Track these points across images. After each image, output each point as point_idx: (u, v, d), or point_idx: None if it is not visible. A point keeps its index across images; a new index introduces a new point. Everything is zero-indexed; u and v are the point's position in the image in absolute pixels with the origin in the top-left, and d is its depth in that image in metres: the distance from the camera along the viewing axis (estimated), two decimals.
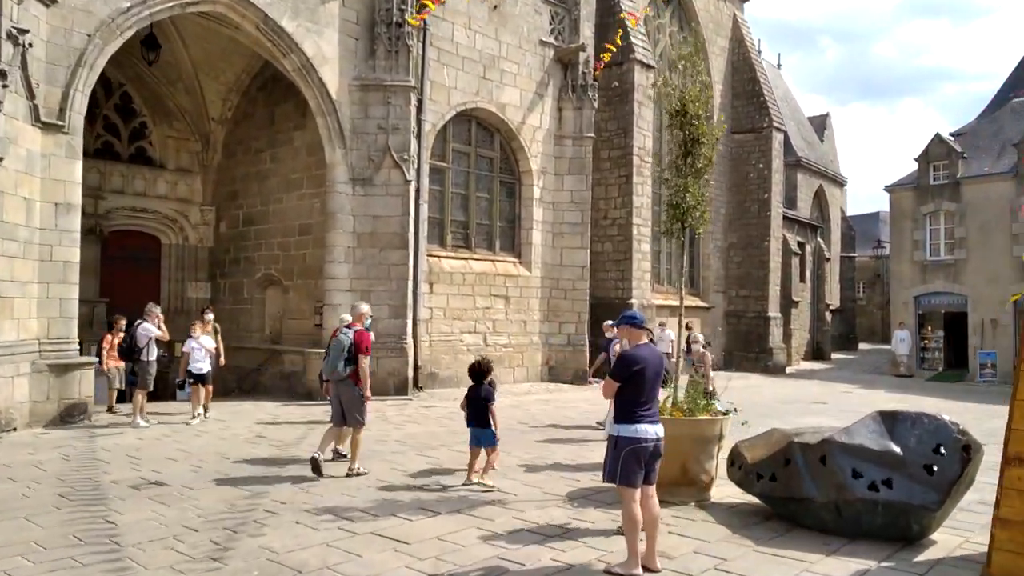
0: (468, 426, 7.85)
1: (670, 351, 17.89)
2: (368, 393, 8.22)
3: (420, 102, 15.49)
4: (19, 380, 10.60)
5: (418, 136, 15.44)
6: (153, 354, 11.23)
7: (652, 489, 5.33)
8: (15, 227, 10.47)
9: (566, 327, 18.50)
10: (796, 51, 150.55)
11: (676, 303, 22.50)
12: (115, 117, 17.71)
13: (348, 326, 8.41)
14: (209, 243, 19.04)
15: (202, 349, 11.48)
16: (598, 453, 9.49)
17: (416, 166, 15.30)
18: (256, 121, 17.75)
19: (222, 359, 12.78)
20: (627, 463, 5.18)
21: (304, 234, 16.39)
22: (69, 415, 11.21)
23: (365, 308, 8.80)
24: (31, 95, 10.64)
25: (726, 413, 7.16)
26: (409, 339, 14.97)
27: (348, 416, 8.10)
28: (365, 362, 8.09)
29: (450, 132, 16.94)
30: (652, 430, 5.22)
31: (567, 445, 10.08)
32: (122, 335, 12.18)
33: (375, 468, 8.33)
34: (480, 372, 7.84)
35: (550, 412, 13.50)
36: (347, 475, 7.85)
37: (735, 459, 6.78)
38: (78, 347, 11.61)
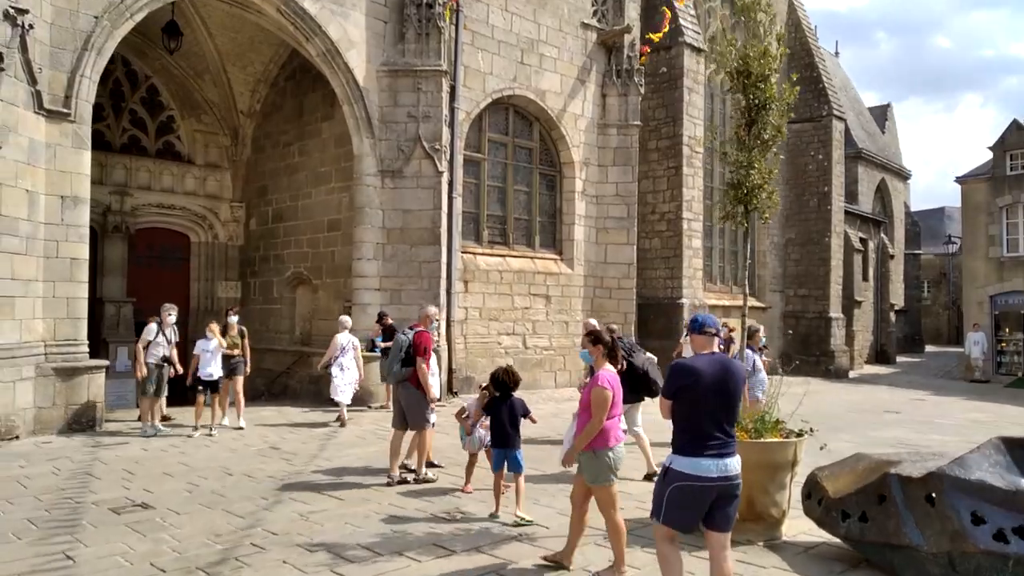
0: (491, 446, 6.79)
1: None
2: (433, 396, 7.79)
3: (453, 88, 14.50)
4: (22, 385, 9.90)
5: (451, 125, 14.45)
6: (154, 357, 10.36)
7: (725, 539, 4.17)
8: (15, 221, 9.77)
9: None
10: (849, 45, 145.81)
11: (730, 303, 21.23)
12: (142, 111, 17.14)
13: (411, 327, 8.15)
14: (239, 241, 18.38)
15: (213, 352, 10.58)
16: (646, 471, 8.36)
17: (449, 157, 14.32)
18: (285, 113, 17.01)
19: (247, 366, 11.72)
20: (673, 501, 4.14)
21: (333, 230, 15.56)
22: (77, 422, 10.50)
23: (433, 310, 8.52)
24: (32, 80, 9.94)
25: (799, 433, 5.96)
26: (442, 341, 13.98)
27: (410, 419, 7.76)
28: (423, 365, 7.68)
29: (486, 121, 15.91)
30: (715, 465, 4.06)
31: None
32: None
33: (389, 490, 7.34)
34: (506, 384, 6.75)
35: None
36: (415, 480, 7.61)
37: (813, 491, 5.59)
38: (87, 349, 10.89)
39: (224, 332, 11.14)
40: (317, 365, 15.12)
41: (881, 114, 39.12)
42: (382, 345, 13.07)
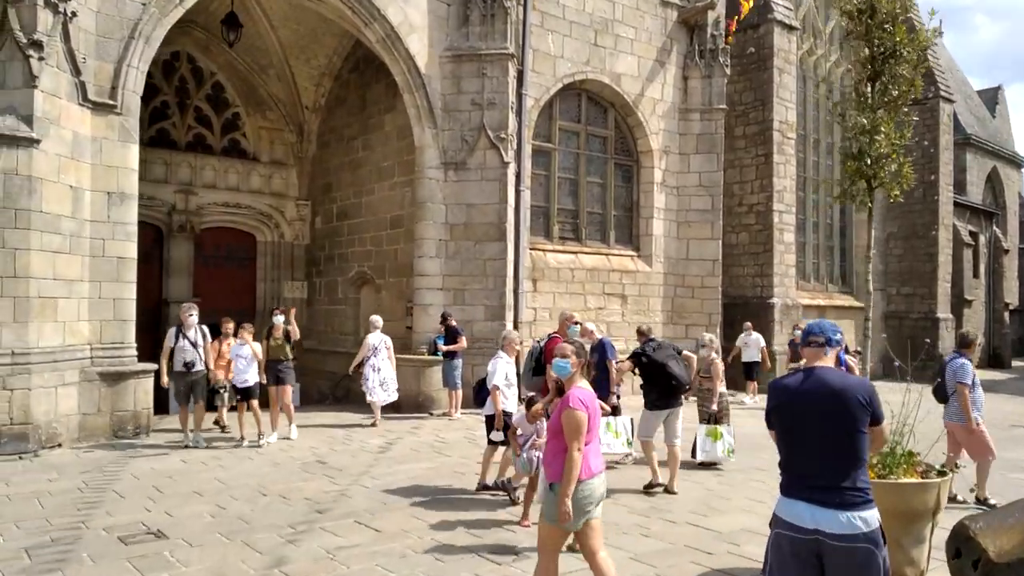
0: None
1: (757, 358, 15.26)
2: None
3: (520, 73, 13.49)
4: (65, 390, 9.45)
5: (518, 112, 13.45)
6: (178, 363, 9.63)
7: None
8: (58, 219, 9.31)
9: (694, 330, 15.87)
10: (948, 30, 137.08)
11: (826, 302, 19.43)
12: (207, 108, 16.82)
13: (550, 333, 7.81)
14: (305, 240, 17.90)
15: (248, 359, 9.80)
16: (737, 504, 7.15)
17: (516, 146, 13.32)
18: (348, 106, 16.39)
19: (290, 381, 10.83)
20: (773, 552, 3.29)
21: (395, 227, 14.80)
22: (123, 429, 10.00)
23: (570, 312, 8.19)
24: (76, 70, 9.47)
25: (942, 471, 4.68)
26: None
27: None
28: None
29: (556, 108, 14.84)
30: (810, 514, 3.14)
31: (694, 490, 7.72)
32: (231, 342, 10.27)
33: (438, 514, 6.39)
34: None
35: None
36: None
37: (965, 549, 4.29)
38: (135, 353, 10.38)
39: (268, 334, 10.46)
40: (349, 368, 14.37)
41: (991, 97, 35.94)
42: (444, 348, 12.23)
